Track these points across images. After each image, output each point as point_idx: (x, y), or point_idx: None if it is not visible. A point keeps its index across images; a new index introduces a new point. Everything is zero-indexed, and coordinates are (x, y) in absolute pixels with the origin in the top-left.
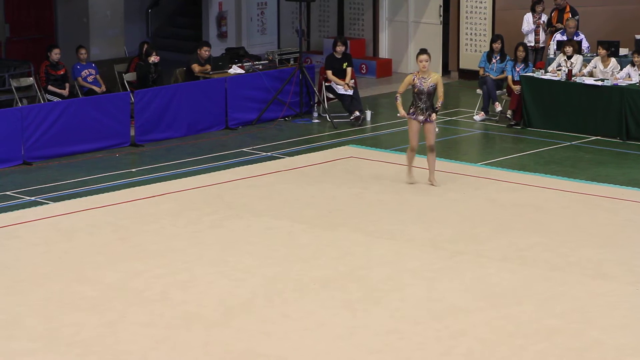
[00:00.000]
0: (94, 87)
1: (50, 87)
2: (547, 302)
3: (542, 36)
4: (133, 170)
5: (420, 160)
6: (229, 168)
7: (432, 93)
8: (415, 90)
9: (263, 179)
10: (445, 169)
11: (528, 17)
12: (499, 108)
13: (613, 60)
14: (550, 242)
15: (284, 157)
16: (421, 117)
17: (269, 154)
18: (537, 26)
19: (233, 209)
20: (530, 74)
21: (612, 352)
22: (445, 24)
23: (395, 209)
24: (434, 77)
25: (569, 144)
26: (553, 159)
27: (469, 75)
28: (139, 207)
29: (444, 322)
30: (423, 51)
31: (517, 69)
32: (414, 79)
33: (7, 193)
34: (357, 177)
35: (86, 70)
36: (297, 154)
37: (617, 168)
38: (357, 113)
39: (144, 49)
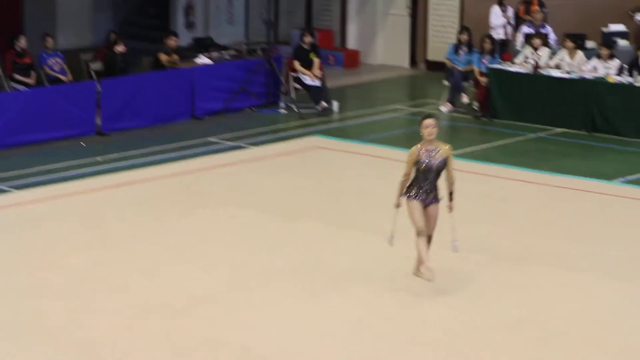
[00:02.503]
0: (61, 76)
1: (16, 76)
2: (512, 293)
3: (509, 29)
4: (99, 159)
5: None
6: (195, 157)
7: (441, 170)
8: (422, 167)
9: (229, 168)
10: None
11: (496, 10)
12: (465, 100)
13: (580, 53)
14: (515, 233)
15: (250, 147)
16: (424, 200)
17: (235, 143)
18: (505, 19)
19: (199, 198)
20: (497, 66)
21: (576, 343)
22: (413, 15)
23: (361, 199)
24: (443, 150)
25: (535, 135)
26: (519, 150)
27: (436, 66)
28: (105, 196)
29: (409, 312)
30: (428, 116)
31: (484, 61)
32: (419, 154)
33: None
34: (323, 168)
35: (53, 59)
36: (264, 144)
37: (583, 160)
38: (324, 104)
39: (111, 38)
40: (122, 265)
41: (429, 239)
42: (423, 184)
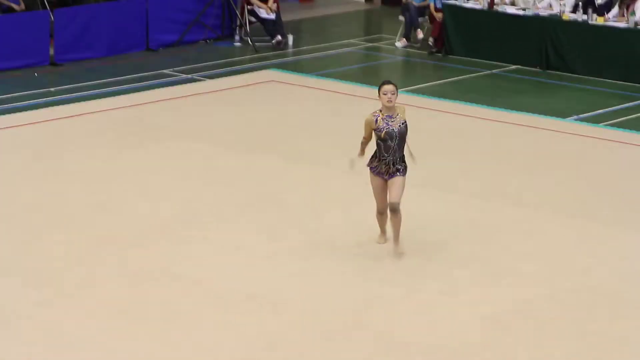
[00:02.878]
0: (13, 5)
1: None
2: (464, 229)
3: None
4: (52, 89)
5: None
6: (149, 89)
7: (404, 135)
8: (382, 135)
9: (183, 101)
10: (365, 94)
11: None
12: (420, 35)
13: None
14: (468, 169)
15: (204, 80)
16: (385, 174)
17: (189, 76)
18: None
19: (153, 131)
20: (452, 2)
21: (526, 279)
22: None
23: (315, 134)
24: (401, 112)
25: (489, 72)
26: (473, 87)
27: (391, 1)
28: (58, 127)
29: (363, 247)
30: (388, 82)
31: None
32: (376, 120)
33: None
34: (277, 101)
35: None
36: (218, 77)
37: (536, 97)
38: (279, 37)
39: None
40: (75, 197)
41: (394, 207)
42: (385, 155)
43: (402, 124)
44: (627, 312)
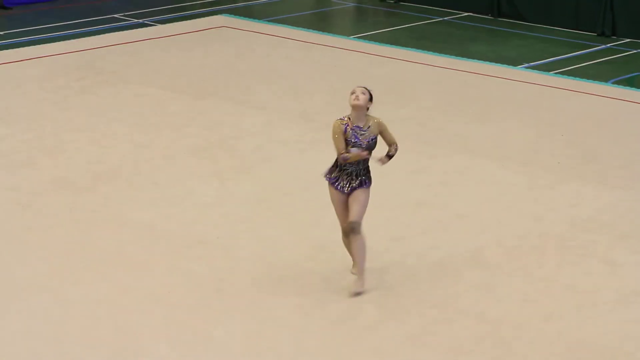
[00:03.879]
0: None
1: None
2: (414, 175)
3: None
4: (1, 33)
5: None
6: (99, 34)
7: (372, 150)
8: (349, 147)
9: (134, 46)
10: (316, 41)
11: None
12: None
13: None
14: (419, 116)
15: (155, 25)
16: (346, 188)
17: (140, 20)
18: None
19: (102, 75)
20: None
21: (475, 224)
22: None
23: (267, 80)
24: (373, 125)
25: (441, 19)
26: (425, 34)
27: None
28: (7, 71)
29: (312, 192)
30: (360, 86)
31: None
32: (345, 130)
33: None
34: (229, 47)
35: None
36: (169, 22)
37: (488, 45)
38: None
39: None
40: (24, 141)
41: (354, 227)
42: (347, 166)
43: (372, 139)
44: (575, 258)
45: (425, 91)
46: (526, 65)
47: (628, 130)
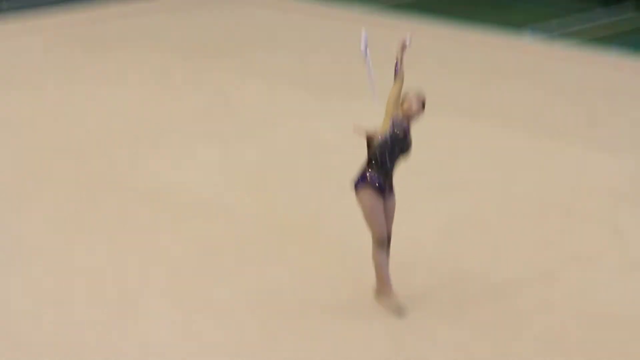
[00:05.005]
0: None
1: None
2: (418, 141)
3: None
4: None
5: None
6: (103, 3)
7: (405, 150)
8: (394, 133)
9: (137, 10)
10: (323, 13)
11: None
12: None
13: None
14: (423, 83)
15: None
16: (388, 191)
17: None
18: None
19: (106, 41)
20: None
21: (477, 188)
22: None
23: (270, 47)
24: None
25: None
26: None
27: None
28: (10, 38)
29: (316, 157)
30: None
31: None
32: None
33: None
34: (233, 13)
35: None
36: None
37: (493, 10)
38: None
39: None
40: (31, 107)
41: (388, 242)
42: (388, 162)
43: (409, 135)
44: (577, 225)
45: (428, 57)
46: (530, 30)
47: (634, 95)
